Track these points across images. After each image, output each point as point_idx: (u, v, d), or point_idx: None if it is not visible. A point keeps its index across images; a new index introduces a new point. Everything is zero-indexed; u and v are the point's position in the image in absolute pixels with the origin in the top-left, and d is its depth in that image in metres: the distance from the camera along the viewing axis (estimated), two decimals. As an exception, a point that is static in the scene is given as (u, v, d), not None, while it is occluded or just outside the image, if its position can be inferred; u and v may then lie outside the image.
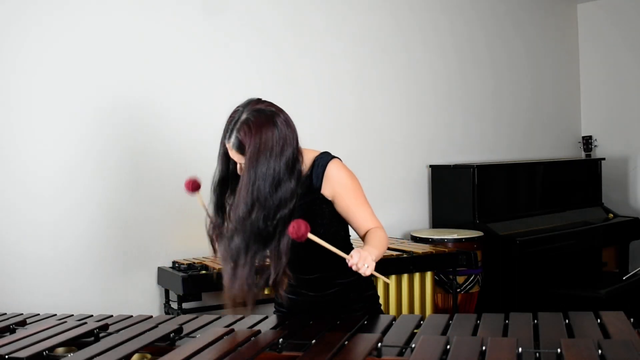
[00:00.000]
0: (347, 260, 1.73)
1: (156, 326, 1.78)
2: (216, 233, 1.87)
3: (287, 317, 1.88)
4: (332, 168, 1.87)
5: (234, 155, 1.79)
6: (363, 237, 1.90)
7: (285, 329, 1.67)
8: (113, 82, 3.18)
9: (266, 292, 3.04)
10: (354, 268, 1.71)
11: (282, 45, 3.76)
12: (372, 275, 1.77)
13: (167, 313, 3.20)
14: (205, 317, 1.90)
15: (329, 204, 1.89)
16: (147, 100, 3.28)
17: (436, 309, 3.51)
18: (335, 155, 1.92)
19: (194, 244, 3.36)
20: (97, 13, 3.13)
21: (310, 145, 1.99)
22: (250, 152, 1.73)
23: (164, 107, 3.33)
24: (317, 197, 1.87)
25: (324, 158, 1.89)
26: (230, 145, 1.78)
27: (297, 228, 1.65)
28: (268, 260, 1.78)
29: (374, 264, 1.73)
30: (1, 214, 2.90)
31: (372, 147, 4.17)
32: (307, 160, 1.88)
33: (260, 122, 1.74)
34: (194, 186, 2.00)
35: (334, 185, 1.86)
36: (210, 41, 3.50)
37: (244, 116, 1.76)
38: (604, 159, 5.17)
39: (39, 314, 2.10)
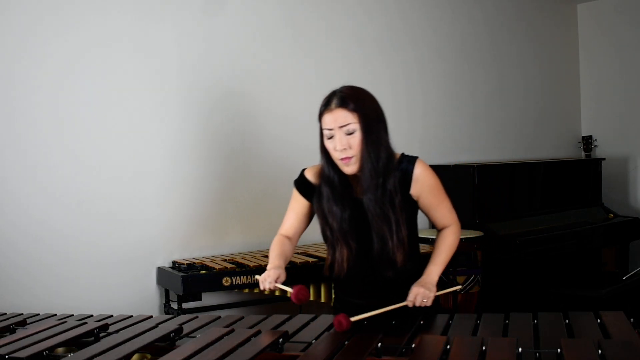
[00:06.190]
0: (408, 304, 1.82)
1: (156, 326, 1.79)
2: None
3: None
4: (419, 169, 1.93)
5: (335, 116, 1.81)
6: (439, 231, 2.02)
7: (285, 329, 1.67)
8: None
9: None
10: (416, 305, 1.81)
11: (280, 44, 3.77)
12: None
13: (167, 313, 3.20)
14: (205, 317, 1.90)
15: (413, 204, 1.95)
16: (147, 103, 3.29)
17: (436, 309, 3.50)
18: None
19: (194, 244, 3.37)
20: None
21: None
22: (359, 105, 1.81)
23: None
24: (406, 197, 1.91)
25: (409, 158, 1.94)
26: (333, 106, 1.82)
27: (339, 325, 1.65)
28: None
29: (432, 295, 1.83)
30: (0, 214, 2.90)
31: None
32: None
33: (358, 88, 1.88)
34: (299, 296, 1.80)
35: (422, 186, 1.92)
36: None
37: (339, 87, 1.87)
38: (604, 159, 5.16)
39: (39, 314, 2.11)
